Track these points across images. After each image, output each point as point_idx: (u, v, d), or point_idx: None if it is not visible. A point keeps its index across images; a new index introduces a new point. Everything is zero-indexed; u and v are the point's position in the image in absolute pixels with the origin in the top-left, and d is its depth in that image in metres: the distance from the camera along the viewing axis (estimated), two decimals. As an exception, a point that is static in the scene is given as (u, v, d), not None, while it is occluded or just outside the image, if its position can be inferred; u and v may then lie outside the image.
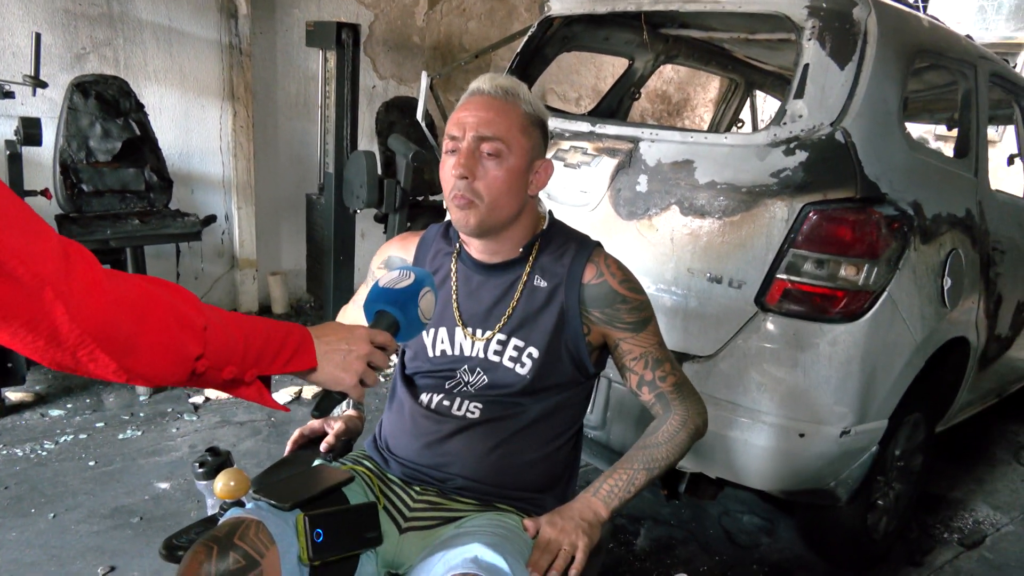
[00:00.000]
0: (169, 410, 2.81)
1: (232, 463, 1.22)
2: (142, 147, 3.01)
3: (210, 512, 1.22)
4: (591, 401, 1.96)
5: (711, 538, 2.31)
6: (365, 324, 0.98)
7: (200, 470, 1.20)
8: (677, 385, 1.30)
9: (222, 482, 1.11)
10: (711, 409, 1.35)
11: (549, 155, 1.34)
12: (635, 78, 3.03)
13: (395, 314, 0.96)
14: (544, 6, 2.46)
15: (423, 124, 3.26)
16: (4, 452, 2.41)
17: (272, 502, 1.07)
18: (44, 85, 2.60)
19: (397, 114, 3.93)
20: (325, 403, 0.92)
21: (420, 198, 3.85)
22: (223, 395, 2.96)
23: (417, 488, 1.23)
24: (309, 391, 3.05)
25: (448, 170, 1.18)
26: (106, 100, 2.93)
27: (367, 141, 3.94)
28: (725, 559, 2.21)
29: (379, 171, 3.37)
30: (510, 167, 1.16)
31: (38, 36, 2.50)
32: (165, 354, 0.66)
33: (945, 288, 1.91)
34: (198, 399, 2.91)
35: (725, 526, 2.38)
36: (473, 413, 1.24)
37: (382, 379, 2.98)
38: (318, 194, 3.69)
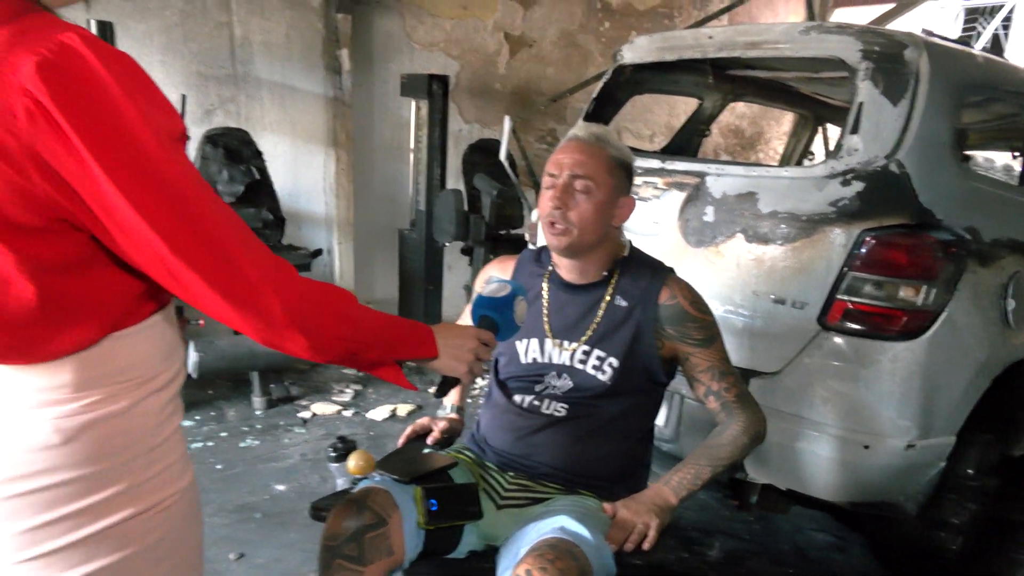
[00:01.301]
0: (281, 423, 3.14)
1: (357, 448, 1.47)
2: (260, 189, 3.41)
3: (340, 487, 1.47)
4: (665, 417, 2.15)
5: (783, 552, 2.40)
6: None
7: (333, 454, 1.46)
8: (740, 395, 1.47)
9: (354, 461, 1.35)
10: (777, 422, 1.50)
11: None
12: (705, 116, 3.21)
13: (495, 317, 1.18)
14: (617, 55, 2.69)
15: (506, 163, 3.55)
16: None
17: (394, 476, 1.30)
18: (188, 139, 3.02)
19: (480, 155, 4.24)
20: (444, 386, 1.14)
21: (502, 232, 4.12)
22: (328, 410, 3.27)
23: (511, 474, 1.44)
24: (403, 409, 3.32)
25: (546, 201, 1.41)
26: (231, 149, 3.35)
27: (454, 180, 4.26)
28: (796, 573, 2.30)
29: (465, 207, 3.66)
30: (597, 201, 1.39)
31: (184, 97, 2.92)
32: (335, 337, 0.90)
33: (1009, 309, 1.98)
34: (306, 414, 3.23)
35: (797, 542, 2.46)
36: (559, 412, 1.44)
37: (481, 380, 3.22)
38: (410, 229, 4.02)
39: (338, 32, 3.83)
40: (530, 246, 2.95)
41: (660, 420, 1.99)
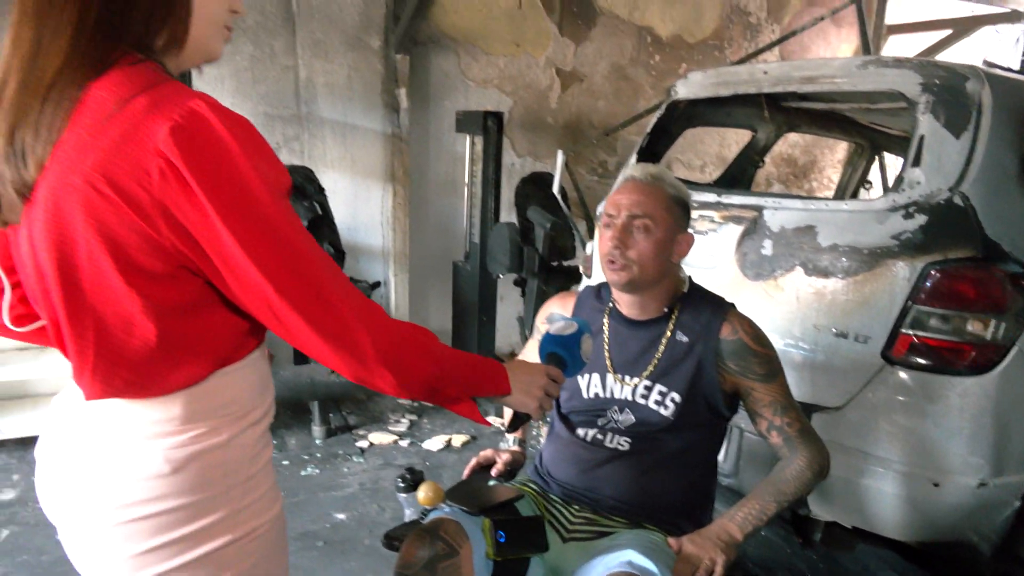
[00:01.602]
0: (340, 452, 3.21)
1: (425, 480, 1.52)
2: (323, 224, 3.54)
3: (408, 518, 1.51)
4: (725, 451, 2.13)
5: (849, 592, 2.34)
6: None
7: (402, 484, 1.51)
8: (802, 430, 1.46)
9: (423, 492, 1.40)
10: (841, 458, 1.48)
11: (683, 226, 1.59)
12: (758, 148, 3.22)
13: (563, 354, 1.22)
14: (671, 91, 2.73)
15: (559, 196, 3.61)
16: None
17: (464, 508, 1.34)
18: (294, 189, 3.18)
19: (533, 187, 4.29)
20: (515, 422, 1.18)
21: (555, 263, 4.16)
22: (384, 440, 3.34)
23: (575, 507, 1.46)
24: (458, 439, 3.37)
25: (605, 240, 1.45)
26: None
27: (506, 213, 4.33)
28: (864, 613, 2.24)
29: (519, 240, 3.72)
30: (656, 239, 1.42)
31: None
32: (420, 374, 0.94)
33: (1085, 344, 1.92)
34: (363, 443, 3.30)
35: (864, 582, 2.39)
36: (623, 446, 1.47)
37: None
38: (464, 261, 4.10)
39: (397, 72, 3.98)
40: (584, 278, 2.99)
41: (719, 454, 1.98)
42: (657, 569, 1.21)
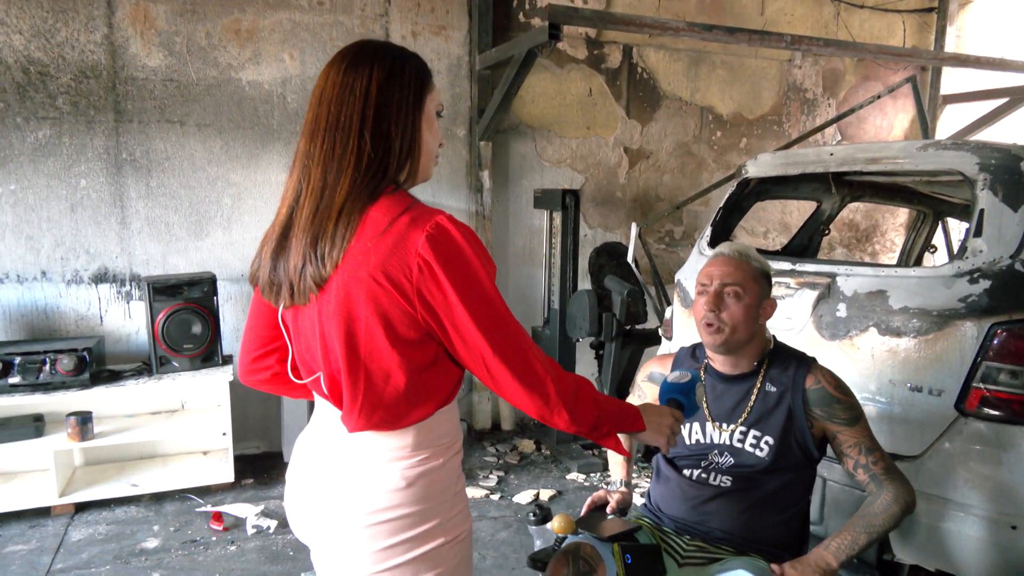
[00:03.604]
0: (438, 505, 3.45)
1: (553, 515, 1.76)
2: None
3: (538, 547, 1.75)
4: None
5: (939, 641, 2.42)
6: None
7: (533, 518, 1.76)
8: (887, 468, 1.66)
9: (558, 522, 1.64)
10: (922, 504, 1.65)
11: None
12: (823, 217, 3.45)
13: (682, 400, 1.47)
14: (742, 170, 3.02)
15: (633, 265, 3.90)
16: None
17: (595, 535, 1.58)
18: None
19: (606, 257, 4.60)
20: (648, 453, 1.43)
21: (629, 328, 4.41)
22: (477, 494, 3.57)
23: (687, 537, 1.68)
24: (545, 494, 3.58)
25: (700, 306, 1.72)
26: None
27: (581, 281, 4.63)
28: (956, 661, 2.31)
29: (597, 306, 4.00)
30: (746, 304, 1.68)
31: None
32: (587, 415, 1.21)
33: None
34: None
35: (954, 632, 2.47)
36: (726, 484, 1.69)
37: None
38: (543, 326, 4.39)
39: (480, 157, 4.39)
40: (664, 340, 3.23)
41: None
42: (766, 586, 1.42)
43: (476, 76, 4.37)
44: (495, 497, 3.58)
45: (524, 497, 3.57)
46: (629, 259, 3.91)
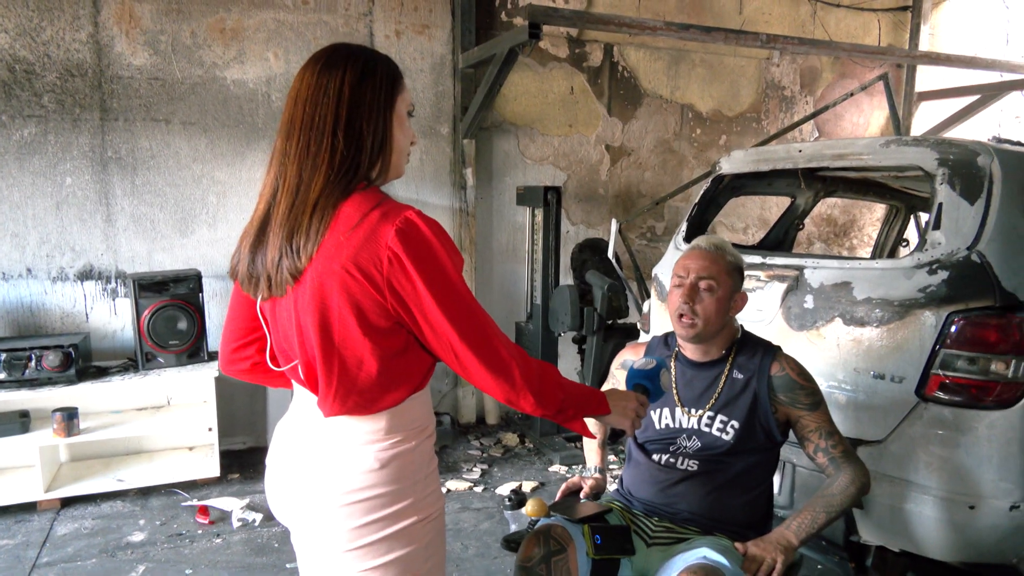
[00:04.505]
0: (422, 497, 3.51)
1: (527, 499, 1.83)
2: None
3: (513, 531, 1.82)
4: (779, 485, 2.38)
5: (905, 621, 2.51)
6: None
7: (508, 503, 1.82)
8: (845, 452, 1.74)
9: (531, 506, 1.71)
10: (885, 486, 1.72)
11: (735, 285, 1.92)
12: (798, 212, 3.53)
13: (647, 384, 1.53)
14: (716, 166, 3.10)
15: (613, 261, 3.96)
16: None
17: (566, 517, 1.64)
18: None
19: (588, 253, 4.67)
20: (614, 435, 1.50)
21: (610, 322, 4.48)
22: (460, 487, 3.63)
23: (656, 519, 1.75)
24: (527, 486, 3.64)
25: (676, 298, 1.78)
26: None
27: (563, 276, 4.70)
28: (920, 639, 2.40)
29: (579, 301, 4.07)
30: (718, 297, 1.75)
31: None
32: (552, 398, 1.27)
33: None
34: (442, 489, 3.60)
35: (919, 612, 2.56)
36: (692, 467, 1.76)
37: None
38: (526, 321, 4.45)
39: (464, 154, 4.45)
40: (643, 333, 3.30)
41: (775, 488, 2.23)
42: (729, 564, 1.49)
43: (459, 74, 4.43)
44: (478, 489, 3.64)
45: (506, 489, 3.62)
46: (610, 255, 3.98)
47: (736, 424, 1.74)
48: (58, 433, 3.28)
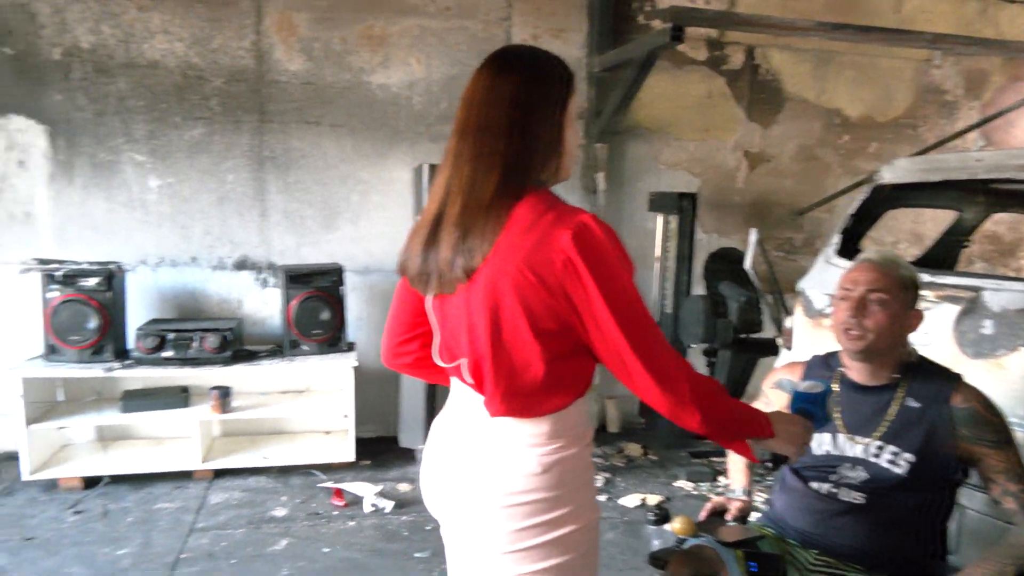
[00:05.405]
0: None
1: (672, 516, 1.77)
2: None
3: (655, 547, 1.77)
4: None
5: None
6: None
7: (652, 518, 1.78)
8: (1038, 497, 1.56)
9: (679, 523, 1.66)
10: None
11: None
12: (965, 228, 3.24)
13: (812, 410, 1.44)
14: (875, 175, 2.89)
15: (751, 272, 3.79)
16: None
17: (718, 539, 1.58)
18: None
19: (722, 263, 4.50)
20: (776, 461, 1.41)
21: (744, 336, 4.30)
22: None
23: (815, 551, 1.65)
24: (652, 499, 3.56)
25: (842, 311, 1.67)
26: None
27: (694, 287, 4.56)
28: None
29: (712, 312, 3.93)
30: (891, 312, 1.63)
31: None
32: (717, 416, 1.22)
33: None
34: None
35: None
36: (858, 500, 1.64)
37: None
38: (653, 330, 4.35)
39: (596, 159, 4.42)
40: (784, 350, 3.14)
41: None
42: (901, 607, 1.38)
43: (593, 78, 4.40)
44: (602, 499, 3.60)
45: (631, 500, 3.55)
46: (746, 265, 3.82)
47: (910, 456, 1.61)
48: (215, 409, 3.56)
